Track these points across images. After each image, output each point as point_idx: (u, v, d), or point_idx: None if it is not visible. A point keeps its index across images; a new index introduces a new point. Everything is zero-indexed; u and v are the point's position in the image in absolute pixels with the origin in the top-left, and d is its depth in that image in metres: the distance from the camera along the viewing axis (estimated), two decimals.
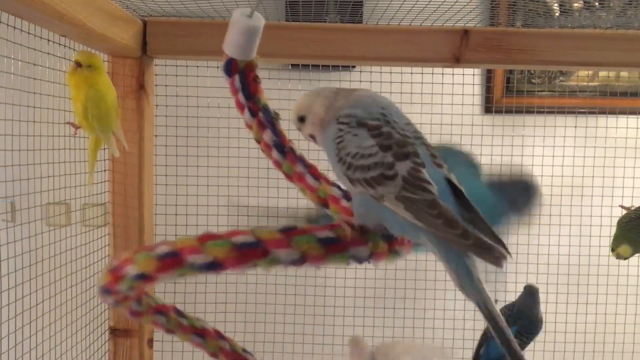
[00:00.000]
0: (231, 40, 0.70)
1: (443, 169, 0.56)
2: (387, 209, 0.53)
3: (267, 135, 0.74)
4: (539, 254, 1.64)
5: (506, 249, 0.51)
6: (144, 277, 0.52)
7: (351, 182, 0.56)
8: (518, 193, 0.81)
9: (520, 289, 1.65)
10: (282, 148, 0.75)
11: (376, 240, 0.55)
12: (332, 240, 0.54)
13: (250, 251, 0.52)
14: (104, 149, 1.14)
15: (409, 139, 0.56)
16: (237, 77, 0.73)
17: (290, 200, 1.56)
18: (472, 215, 0.54)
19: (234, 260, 0.51)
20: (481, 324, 1.62)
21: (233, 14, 0.69)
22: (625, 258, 1.31)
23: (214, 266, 0.51)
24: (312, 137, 0.67)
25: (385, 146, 0.54)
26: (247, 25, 0.69)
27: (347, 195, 0.70)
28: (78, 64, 0.96)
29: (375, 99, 0.60)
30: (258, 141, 0.75)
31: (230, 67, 0.72)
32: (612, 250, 1.32)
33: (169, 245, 0.53)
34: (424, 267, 1.62)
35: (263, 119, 0.74)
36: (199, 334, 0.71)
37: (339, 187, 0.73)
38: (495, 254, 0.49)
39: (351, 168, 0.55)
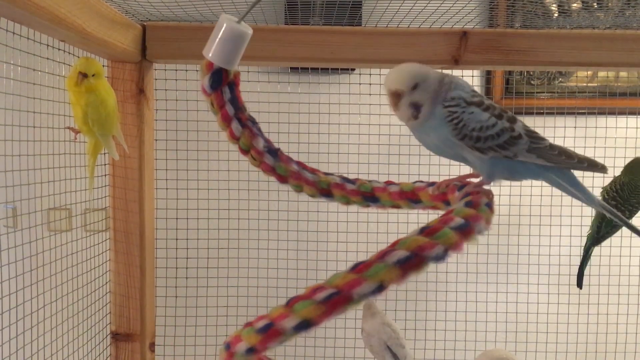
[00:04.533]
0: (222, 50, 0.66)
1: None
2: (519, 162, 0.66)
3: (259, 143, 0.73)
4: (539, 254, 1.64)
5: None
6: (253, 351, 0.54)
7: (482, 152, 0.66)
8: None
9: (522, 290, 1.65)
10: (274, 152, 0.75)
11: (447, 235, 0.55)
12: (407, 259, 0.53)
13: (334, 301, 0.52)
14: (104, 153, 1.14)
15: (498, 106, 0.68)
16: (227, 88, 0.70)
17: (291, 204, 1.57)
18: None
19: (323, 316, 0.52)
20: (483, 325, 1.62)
21: (221, 20, 0.66)
22: None
23: (307, 325, 0.51)
24: (416, 107, 0.67)
25: (497, 115, 0.66)
26: (241, 32, 0.66)
27: (349, 180, 0.76)
28: (84, 75, 0.96)
29: (459, 81, 0.69)
30: (246, 151, 0.74)
31: (220, 78, 0.69)
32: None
33: (265, 318, 0.53)
34: (426, 269, 1.62)
35: (253, 128, 0.74)
36: None
37: (332, 175, 0.77)
38: (600, 167, 0.68)
39: (480, 140, 0.65)
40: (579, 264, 1.39)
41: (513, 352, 1.44)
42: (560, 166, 0.67)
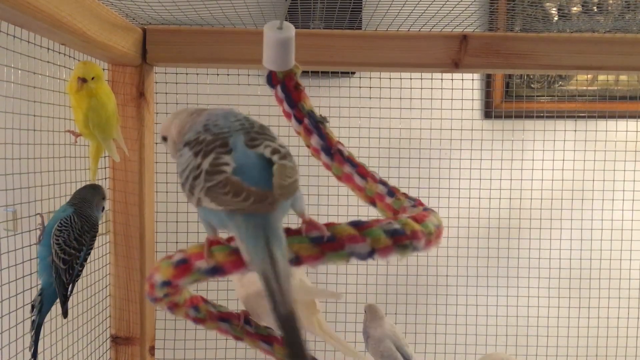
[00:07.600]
0: (267, 55, 0.73)
1: (260, 148, 0.53)
2: (207, 211, 0.52)
3: (314, 140, 0.77)
4: (540, 257, 1.64)
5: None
6: (168, 284, 0.55)
7: (192, 201, 0.53)
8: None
9: (522, 293, 1.65)
10: (329, 150, 0.77)
11: (377, 234, 0.54)
12: (327, 239, 0.53)
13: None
14: (105, 156, 1.14)
15: (225, 133, 0.54)
16: (279, 88, 0.76)
17: None
18: None
19: (232, 264, 0.52)
20: (483, 329, 1.61)
21: (264, 30, 0.72)
22: None
23: (217, 271, 0.53)
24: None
25: (197, 152, 0.53)
26: (276, 39, 0.72)
27: (391, 191, 0.71)
28: (83, 80, 0.96)
29: (211, 114, 0.58)
30: (308, 146, 0.78)
31: (271, 79, 0.76)
32: None
33: (181, 252, 0.54)
34: (426, 272, 1.62)
35: (309, 125, 0.77)
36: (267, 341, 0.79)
37: (384, 184, 0.73)
38: (269, 201, 0.48)
39: (184, 187, 0.53)
40: None
41: (513, 356, 1.44)
42: (227, 209, 0.49)
